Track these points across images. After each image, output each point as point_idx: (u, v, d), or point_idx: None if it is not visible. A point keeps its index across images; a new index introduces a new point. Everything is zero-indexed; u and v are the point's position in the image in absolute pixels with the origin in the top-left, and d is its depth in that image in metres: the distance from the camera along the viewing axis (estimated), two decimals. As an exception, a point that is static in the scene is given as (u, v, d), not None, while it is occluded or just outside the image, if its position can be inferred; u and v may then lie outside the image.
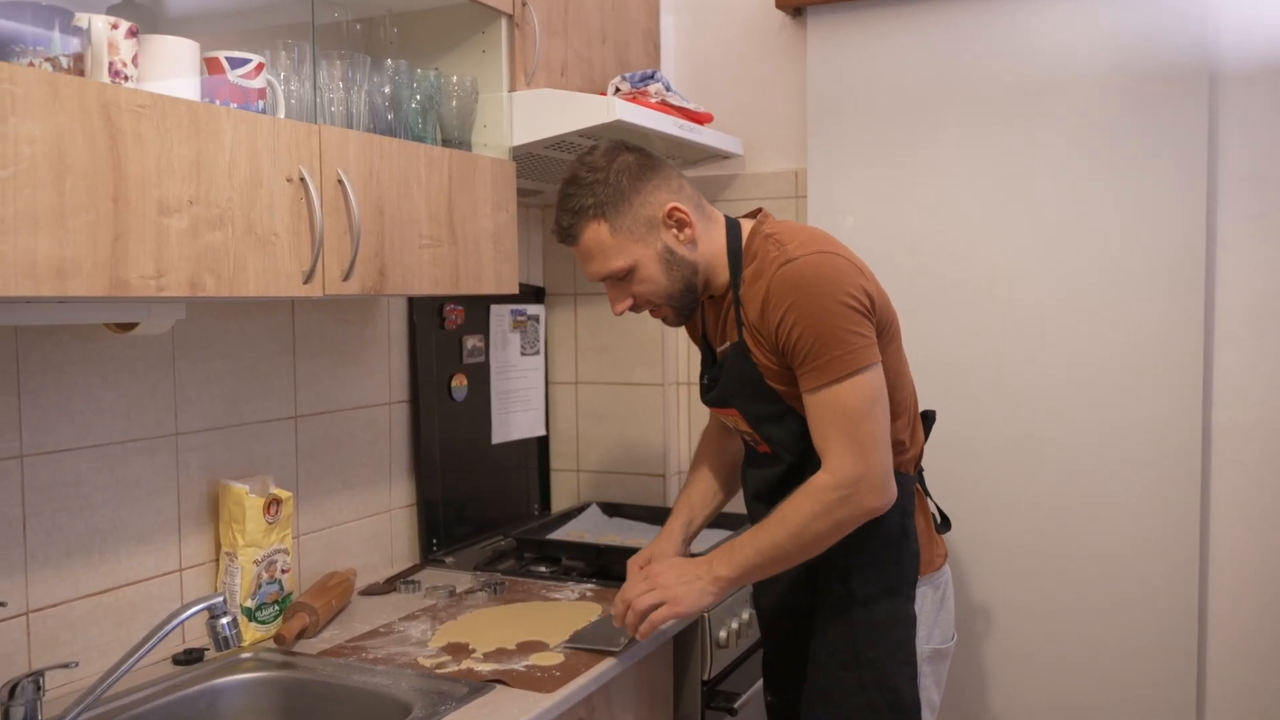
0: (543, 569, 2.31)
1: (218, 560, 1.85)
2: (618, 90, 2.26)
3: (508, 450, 2.67)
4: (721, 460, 2.03)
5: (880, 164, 2.51)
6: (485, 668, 1.69)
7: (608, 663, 1.73)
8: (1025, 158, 2.39)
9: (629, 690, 1.86)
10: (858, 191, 2.54)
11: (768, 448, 1.81)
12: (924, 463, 1.87)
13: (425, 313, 2.38)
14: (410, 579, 2.18)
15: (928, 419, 1.93)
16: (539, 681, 1.64)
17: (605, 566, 2.27)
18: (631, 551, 2.23)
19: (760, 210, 1.84)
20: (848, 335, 1.61)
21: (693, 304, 1.79)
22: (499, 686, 1.62)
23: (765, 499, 1.83)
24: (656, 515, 2.58)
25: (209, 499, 1.85)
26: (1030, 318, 2.41)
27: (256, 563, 1.82)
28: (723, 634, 2.07)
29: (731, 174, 2.69)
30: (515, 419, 2.69)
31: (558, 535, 2.49)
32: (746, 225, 1.79)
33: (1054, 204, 2.37)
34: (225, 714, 1.67)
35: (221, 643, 1.52)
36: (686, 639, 2.03)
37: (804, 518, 1.64)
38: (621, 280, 1.74)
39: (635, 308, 1.78)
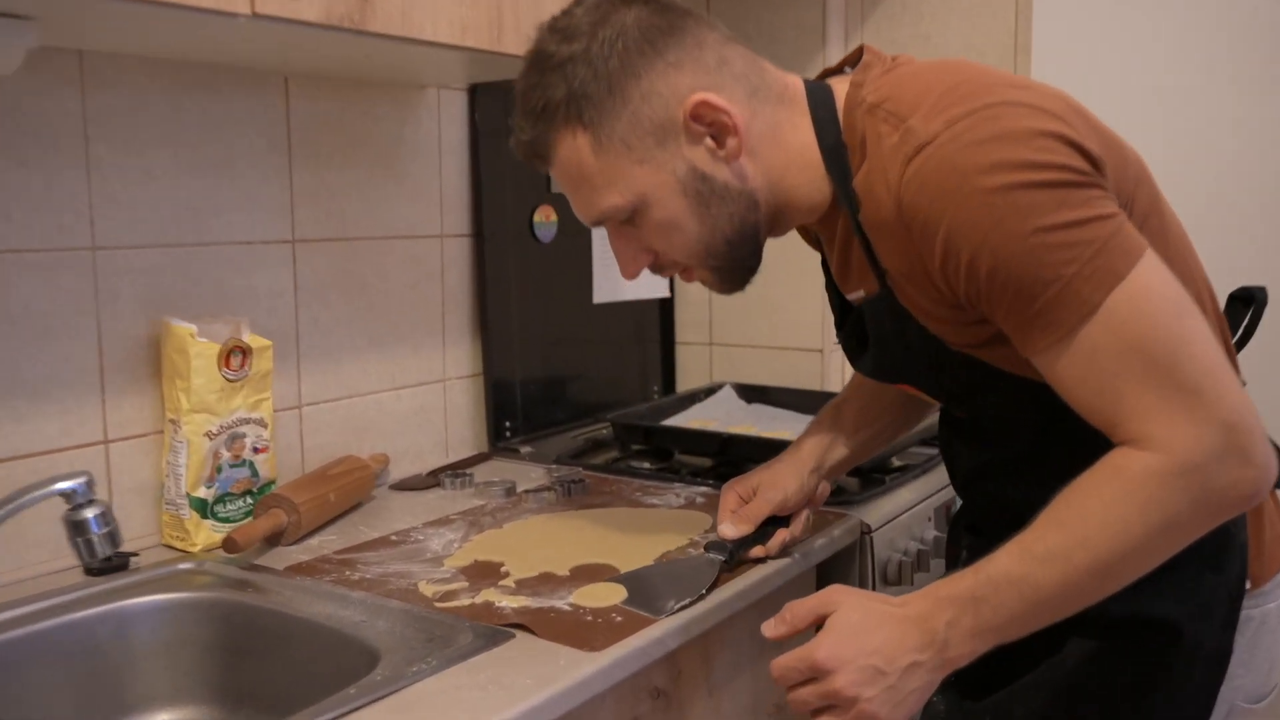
0: (647, 465, 1.70)
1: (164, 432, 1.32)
2: None
3: (617, 313, 2.05)
4: None
5: None
6: (512, 603, 1.10)
7: (701, 607, 1.11)
8: None
9: (742, 644, 1.24)
10: None
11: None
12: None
13: (494, 115, 1.76)
14: (464, 471, 1.61)
15: (1250, 303, 1.06)
16: (583, 631, 1.03)
17: (730, 464, 1.64)
18: (769, 445, 1.61)
19: (860, 50, 1.05)
20: (1071, 233, 0.86)
21: (750, 260, 1.06)
22: (520, 635, 1.03)
23: (989, 482, 1.12)
24: (809, 402, 1.90)
25: (150, 344, 1.31)
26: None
27: (210, 435, 1.28)
28: (891, 566, 1.42)
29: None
30: (627, 274, 2.06)
31: (673, 422, 1.87)
32: (840, 89, 1.03)
33: None
34: (135, 647, 1.14)
35: (84, 549, 0.98)
36: (839, 570, 1.39)
37: (1130, 538, 0.85)
38: (625, 223, 1.03)
39: (657, 268, 1.07)
